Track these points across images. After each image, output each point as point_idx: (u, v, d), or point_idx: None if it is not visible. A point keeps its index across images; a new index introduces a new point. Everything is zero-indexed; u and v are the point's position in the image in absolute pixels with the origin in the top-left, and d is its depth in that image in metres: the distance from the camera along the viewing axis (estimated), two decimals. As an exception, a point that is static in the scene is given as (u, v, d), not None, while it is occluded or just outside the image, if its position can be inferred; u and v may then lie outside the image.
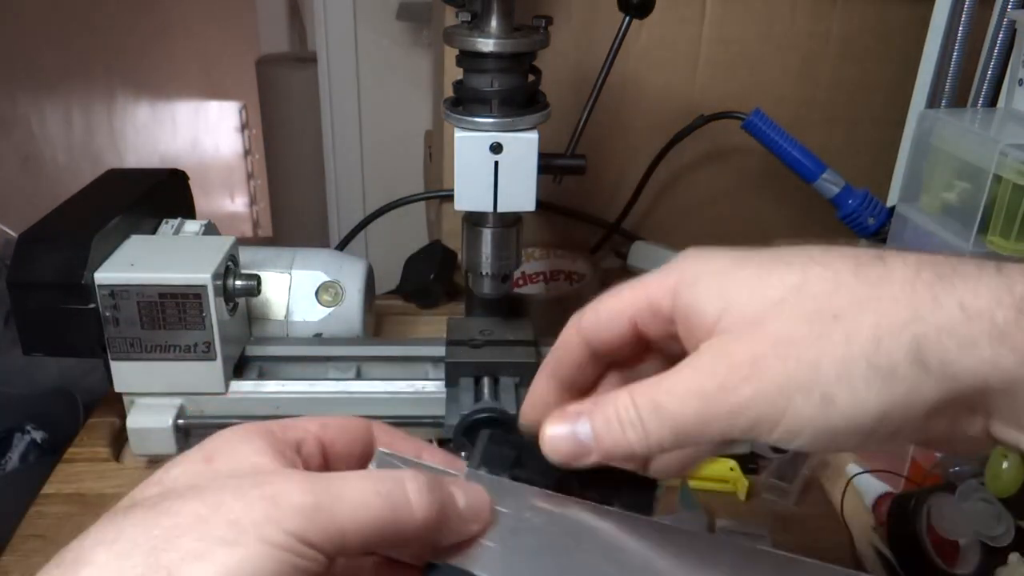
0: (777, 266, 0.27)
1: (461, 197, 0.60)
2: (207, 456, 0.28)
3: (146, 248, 0.59)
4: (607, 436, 0.28)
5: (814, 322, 0.25)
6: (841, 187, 0.77)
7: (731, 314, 0.27)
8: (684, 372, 0.27)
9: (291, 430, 0.30)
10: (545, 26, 0.59)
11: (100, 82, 2.38)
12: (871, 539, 0.55)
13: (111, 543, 0.24)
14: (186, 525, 0.24)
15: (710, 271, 0.29)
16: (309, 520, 0.25)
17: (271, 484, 0.25)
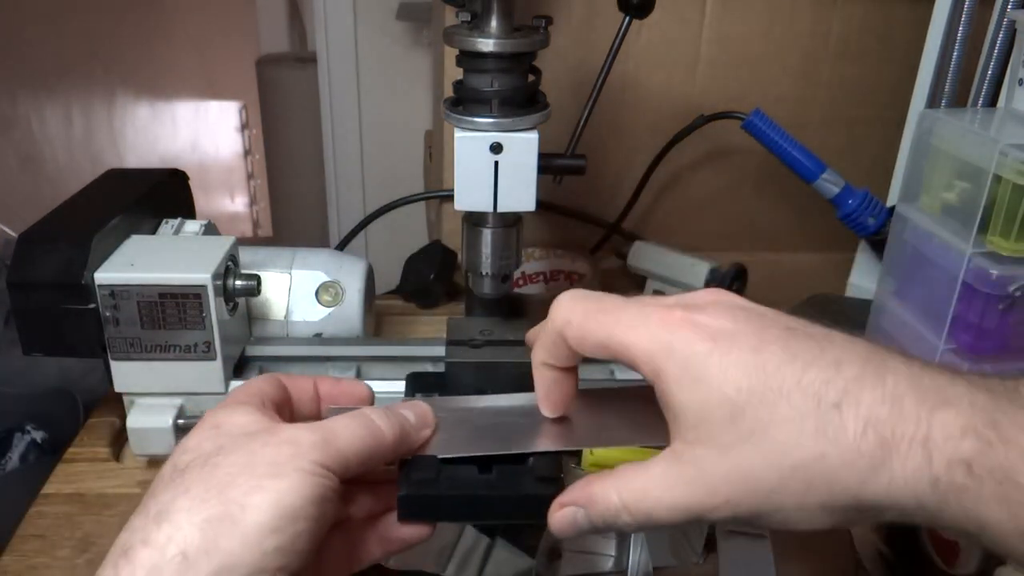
0: (752, 402, 0.31)
1: (461, 197, 0.60)
2: (216, 425, 0.36)
3: (146, 248, 0.59)
4: (599, 526, 0.36)
5: (778, 469, 0.31)
6: (841, 187, 0.77)
7: (707, 428, 0.32)
8: (673, 484, 0.33)
9: (264, 394, 0.39)
10: (545, 26, 0.59)
11: (100, 82, 2.38)
12: (871, 539, 0.55)
13: (185, 493, 0.33)
14: (236, 471, 0.33)
15: (697, 379, 0.32)
16: (322, 451, 0.34)
17: (285, 432, 0.35)
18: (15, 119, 1.87)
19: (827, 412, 0.30)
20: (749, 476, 0.31)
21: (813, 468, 0.30)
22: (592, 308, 0.36)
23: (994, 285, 0.57)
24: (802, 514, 0.31)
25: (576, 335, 0.36)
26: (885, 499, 0.30)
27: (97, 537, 0.55)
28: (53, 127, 2.05)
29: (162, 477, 0.35)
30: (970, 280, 0.58)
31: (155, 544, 0.32)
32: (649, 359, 0.33)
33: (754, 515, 0.32)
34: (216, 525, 0.32)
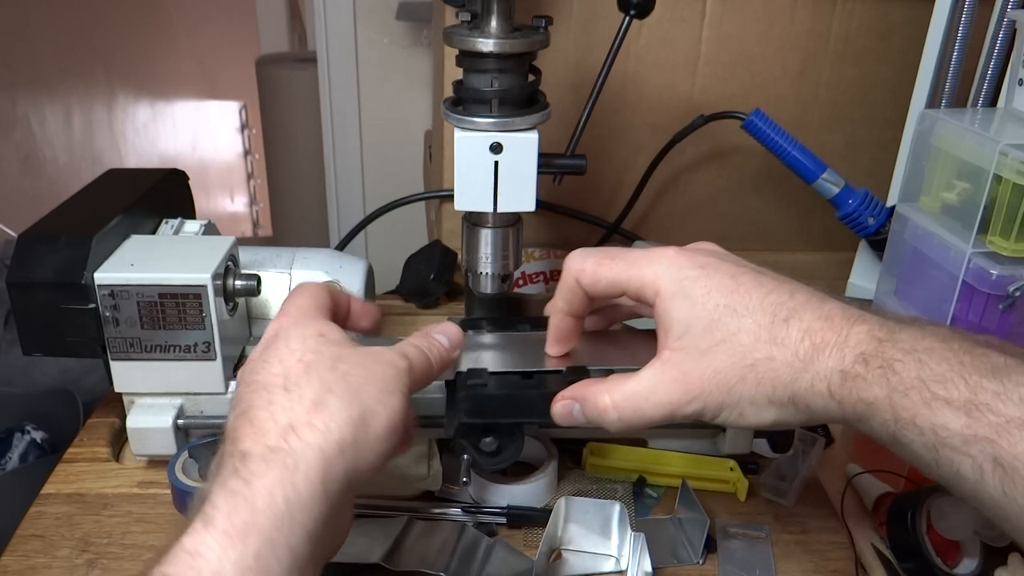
0: (726, 314, 0.41)
1: (461, 197, 0.60)
2: (321, 333, 0.41)
3: (146, 248, 0.59)
4: (592, 420, 0.45)
5: (740, 366, 0.41)
6: (841, 187, 0.77)
7: (690, 338, 0.42)
8: (659, 386, 0.42)
9: (327, 307, 0.44)
10: (545, 26, 0.59)
11: (100, 82, 2.38)
12: (871, 539, 0.55)
13: (328, 391, 0.38)
14: (363, 381, 0.39)
15: (686, 297, 0.42)
16: (409, 377, 0.42)
17: (385, 354, 0.42)
18: (15, 119, 1.87)
19: (778, 325, 0.40)
20: (718, 372, 0.41)
21: (763, 366, 0.40)
22: (601, 256, 0.46)
23: (994, 285, 0.57)
24: (753, 408, 0.41)
25: (590, 280, 0.46)
26: (809, 391, 0.39)
27: (97, 537, 0.55)
28: (53, 127, 2.05)
29: (278, 371, 0.39)
30: (970, 280, 0.58)
31: (317, 428, 0.36)
32: (653, 282, 0.43)
33: (718, 408, 0.41)
34: (358, 425, 0.37)
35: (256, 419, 0.37)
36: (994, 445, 0.33)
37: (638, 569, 0.50)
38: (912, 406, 0.36)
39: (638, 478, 0.60)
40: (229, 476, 0.35)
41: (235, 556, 0.32)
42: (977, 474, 0.34)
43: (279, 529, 0.33)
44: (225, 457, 0.36)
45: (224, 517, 0.33)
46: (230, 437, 0.37)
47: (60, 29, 2.06)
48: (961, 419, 0.34)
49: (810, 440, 0.61)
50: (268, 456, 0.35)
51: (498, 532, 0.55)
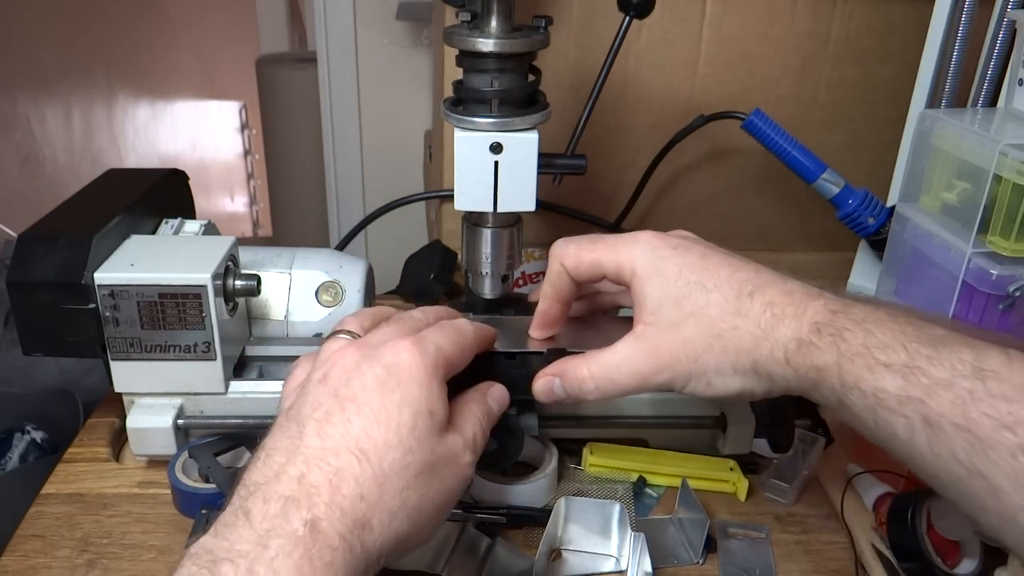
0: (695, 290, 0.44)
1: (461, 197, 0.60)
2: (430, 412, 0.41)
3: (146, 248, 0.58)
4: (572, 394, 0.48)
5: (707, 336, 0.44)
6: (841, 187, 0.77)
7: (662, 312, 0.45)
8: (632, 356, 0.45)
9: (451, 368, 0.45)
10: (545, 26, 0.59)
11: (100, 82, 2.38)
12: (871, 539, 0.55)
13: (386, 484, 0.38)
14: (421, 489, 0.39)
15: (659, 275, 0.46)
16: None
17: (462, 462, 0.42)
18: (15, 119, 1.87)
19: (743, 298, 0.43)
20: (687, 343, 0.44)
21: (728, 336, 0.43)
22: (583, 241, 0.49)
23: (994, 285, 0.57)
24: (720, 377, 0.44)
25: (573, 263, 0.49)
26: (769, 359, 0.42)
27: (97, 537, 0.55)
28: (53, 127, 2.05)
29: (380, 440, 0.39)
30: (970, 280, 0.58)
31: (376, 536, 0.37)
32: (630, 262, 0.46)
33: (687, 377, 0.44)
34: (402, 543, 0.39)
35: (340, 489, 0.37)
36: (924, 405, 0.36)
37: (638, 569, 0.50)
38: (857, 371, 0.38)
39: (638, 478, 0.60)
40: (298, 547, 0.34)
41: None
42: (909, 433, 0.37)
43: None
44: (291, 503, 0.36)
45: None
46: (304, 478, 0.37)
47: (60, 29, 2.06)
48: (898, 382, 0.37)
49: (810, 440, 0.61)
50: (337, 545, 0.35)
51: (498, 532, 0.55)
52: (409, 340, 0.42)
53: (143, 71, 2.68)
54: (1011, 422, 0.33)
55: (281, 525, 0.35)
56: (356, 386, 0.40)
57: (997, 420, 0.34)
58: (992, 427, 0.34)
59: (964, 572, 0.52)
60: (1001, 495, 0.33)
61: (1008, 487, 0.33)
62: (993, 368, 0.35)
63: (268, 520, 0.35)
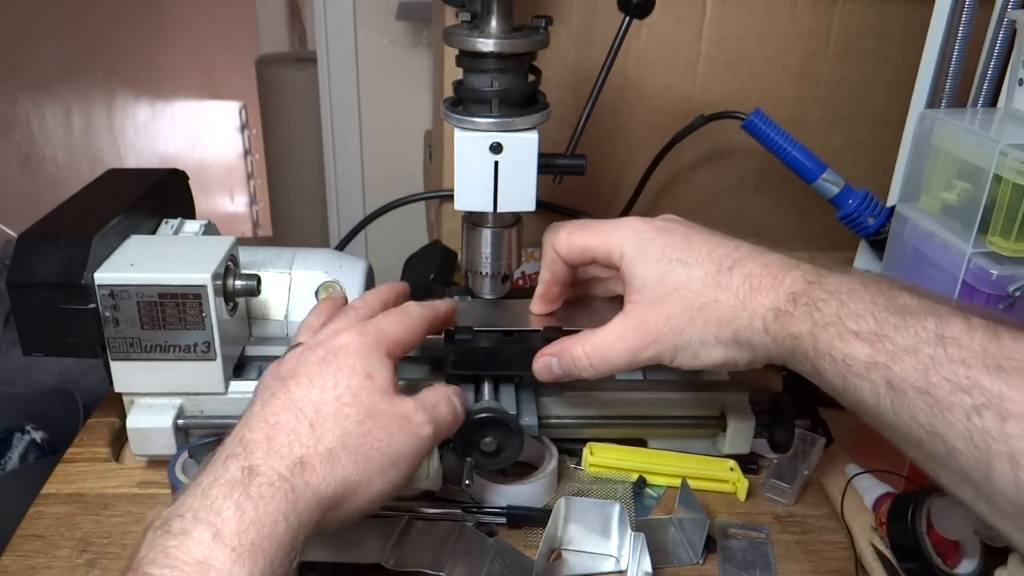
0: (678, 267, 0.47)
1: (461, 197, 0.60)
2: (370, 375, 0.45)
3: (146, 248, 0.58)
4: (569, 372, 0.51)
5: (689, 310, 0.46)
6: (841, 187, 0.77)
7: (647, 291, 0.48)
8: (622, 334, 0.48)
9: (405, 346, 0.49)
10: (545, 26, 0.59)
11: (100, 82, 2.38)
12: (871, 539, 0.55)
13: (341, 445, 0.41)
14: (374, 454, 0.42)
15: (645, 257, 0.49)
16: (433, 442, 0.46)
17: (415, 420, 0.45)
18: (15, 119, 1.87)
19: (723, 272, 0.46)
20: (671, 317, 0.47)
21: (710, 308, 0.46)
22: (573, 226, 0.53)
23: (994, 285, 0.57)
24: (703, 348, 0.46)
25: (564, 247, 0.52)
26: (748, 328, 0.44)
27: (97, 537, 0.55)
28: (53, 127, 2.05)
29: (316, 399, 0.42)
30: (970, 280, 0.58)
31: (319, 476, 0.39)
32: (618, 246, 0.50)
33: (673, 350, 0.47)
34: (351, 489, 0.41)
35: (275, 439, 0.40)
36: (889, 371, 0.37)
37: (638, 569, 0.50)
38: (829, 339, 0.40)
39: (638, 478, 0.60)
40: (235, 488, 0.37)
41: (245, 573, 0.35)
42: (875, 397, 0.38)
43: (277, 553, 0.36)
44: (231, 457, 0.39)
45: (234, 534, 0.35)
46: (244, 437, 0.40)
47: (60, 29, 2.06)
48: (866, 349, 0.39)
49: (810, 440, 0.61)
50: (276, 483, 0.38)
51: (498, 532, 0.55)
52: (352, 329, 0.46)
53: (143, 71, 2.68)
54: (967, 386, 0.35)
55: (222, 475, 0.38)
56: (299, 368, 0.44)
57: (955, 384, 0.35)
58: (950, 390, 0.35)
59: (964, 572, 0.52)
60: (957, 455, 0.35)
61: (962, 447, 0.34)
62: (954, 335, 0.36)
63: (210, 475, 0.38)
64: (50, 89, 2.04)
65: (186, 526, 0.36)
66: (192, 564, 0.34)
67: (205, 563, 0.34)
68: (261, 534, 0.36)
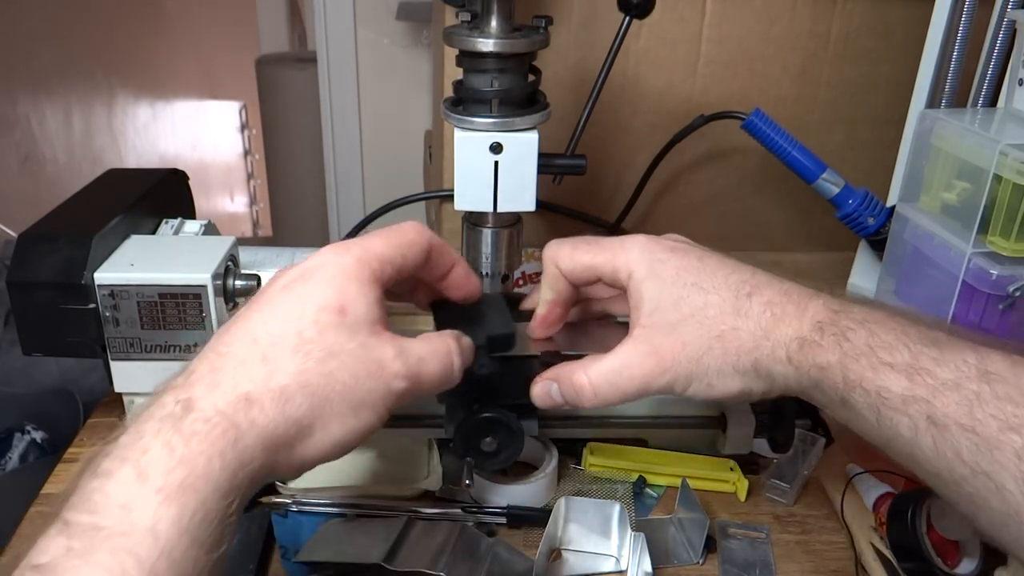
0: (693, 292, 0.44)
1: (461, 197, 0.60)
2: (341, 310, 0.39)
3: (146, 248, 0.59)
4: (570, 401, 0.47)
5: (707, 338, 0.43)
6: (841, 187, 0.77)
7: (660, 315, 0.45)
8: (633, 361, 0.45)
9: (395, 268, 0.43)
10: (545, 26, 0.59)
11: (100, 82, 2.38)
12: (871, 539, 0.55)
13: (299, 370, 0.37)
14: (340, 390, 0.38)
15: (657, 278, 0.45)
16: (406, 397, 0.40)
17: (387, 370, 0.39)
18: (15, 119, 1.87)
19: (742, 299, 0.43)
20: (687, 344, 0.44)
21: (729, 336, 0.43)
22: (577, 242, 0.49)
23: (994, 285, 0.57)
24: (720, 378, 0.44)
25: (568, 265, 0.48)
26: (770, 358, 0.42)
27: (97, 537, 0.55)
28: (53, 127, 2.05)
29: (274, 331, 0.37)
30: (970, 280, 0.58)
31: (268, 415, 0.35)
32: (626, 265, 0.46)
33: (688, 380, 0.44)
34: (302, 432, 0.37)
35: (222, 370, 0.36)
36: (929, 405, 0.36)
37: (638, 569, 0.50)
38: (861, 370, 0.39)
39: (638, 478, 0.60)
40: (165, 423, 0.33)
41: (171, 517, 0.31)
42: (913, 432, 0.37)
43: (211, 494, 0.32)
44: (171, 390, 0.35)
45: (160, 474, 0.32)
46: (189, 368, 0.36)
47: (60, 29, 2.06)
48: (902, 382, 0.37)
49: (810, 440, 0.61)
50: (213, 418, 0.34)
51: (498, 532, 0.55)
52: (332, 246, 0.41)
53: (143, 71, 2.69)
54: (1016, 424, 0.34)
55: (156, 412, 0.34)
56: (267, 291, 0.40)
57: (1003, 422, 0.34)
58: (998, 428, 0.34)
59: (964, 572, 0.52)
60: (1006, 495, 0.34)
61: (1013, 487, 0.34)
62: (998, 371, 0.36)
63: (146, 412, 0.34)
64: (50, 89, 2.04)
65: (111, 466, 0.32)
66: (113, 508, 0.31)
67: (127, 506, 0.31)
68: (193, 473, 0.32)
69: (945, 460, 0.36)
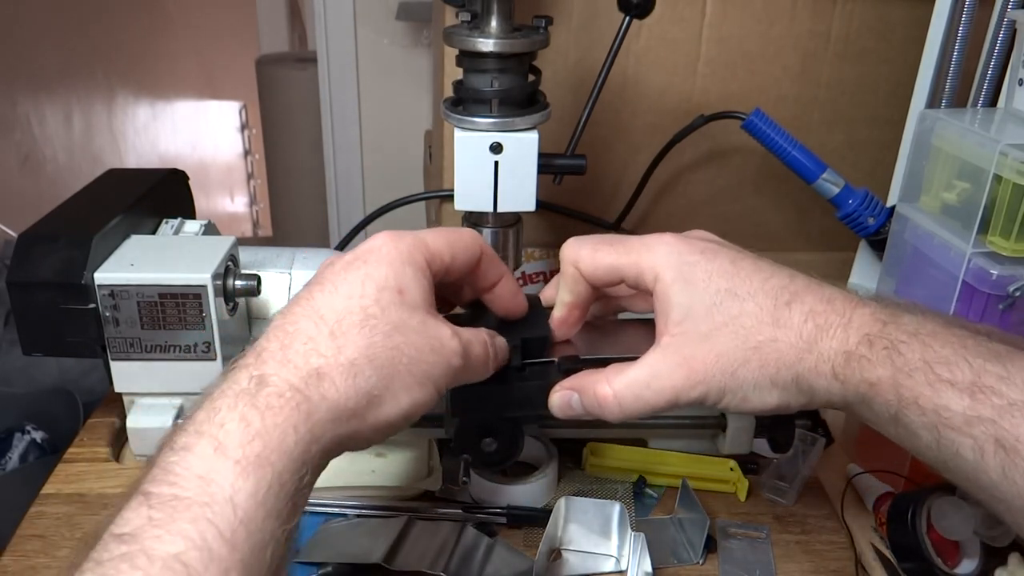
0: (727, 298, 0.41)
1: (461, 197, 0.60)
2: (400, 290, 0.40)
3: (146, 248, 0.58)
4: (592, 412, 0.44)
5: (743, 349, 0.41)
6: (841, 187, 0.77)
7: (691, 322, 0.42)
8: (663, 372, 0.42)
9: (443, 263, 0.43)
10: (545, 26, 0.59)
11: (100, 82, 2.38)
12: (871, 539, 0.55)
13: (366, 354, 0.37)
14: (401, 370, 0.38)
15: (688, 282, 0.42)
16: (460, 375, 0.41)
17: (447, 345, 0.40)
18: (15, 119, 1.87)
19: (781, 308, 0.41)
20: (722, 355, 0.41)
21: (767, 348, 0.40)
22: (597, 242, 0.45)
23: (994, 285, 0.57)
24: (757, 392, 0.41)
25: (588, 266, 0.45)
26: (813, 372, 0.40)
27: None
28: (53, 127, 2.05)
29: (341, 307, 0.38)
30: (970, 280, 0.58)
31: (338, 388, 0.36)
32: (652, 268, 0.43)
33: (721, 393, 0.41)
34: (373, 403, 0.37)
35: (291, 347, 0.37)
36: (996, 426, 0.34)
37: (638, 569, 0.50)
38: (916, 387, 0.36)
39: (638, 478, 0.60)
40: (241, 398, 0.34)
41: (249, 488, 0.32)
42: (977, 455, 0.35)
43: (287, 466, 0.33)
44: (243, 368, 0.36)
45: (237, 446, 0.32)
46: (259, 347, 0.37)
47: (60, 29, 2.06)
48: (964, 401, 0.35)
49: (810, 440, 0.61)
50: (286, 393, 0.35)
51: (498, 532, 0.55)
52: (387, 232, 0.41)
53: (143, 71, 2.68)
54: None
55: (230, 387, 0.35)
56: (326, 272, 0.40)
57: None
58: None
59: (964, 572, 0.52)
60: None
61: None
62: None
63: (219, 389, 0.35)
64: (50, 89, 2.04)
65: (189, 441, 0.33)
66: (192, 479, 0.31)
67: (206, 478, 0.31)
68: (268, 446, 0.33)
69: (1015, 486, 0.34)
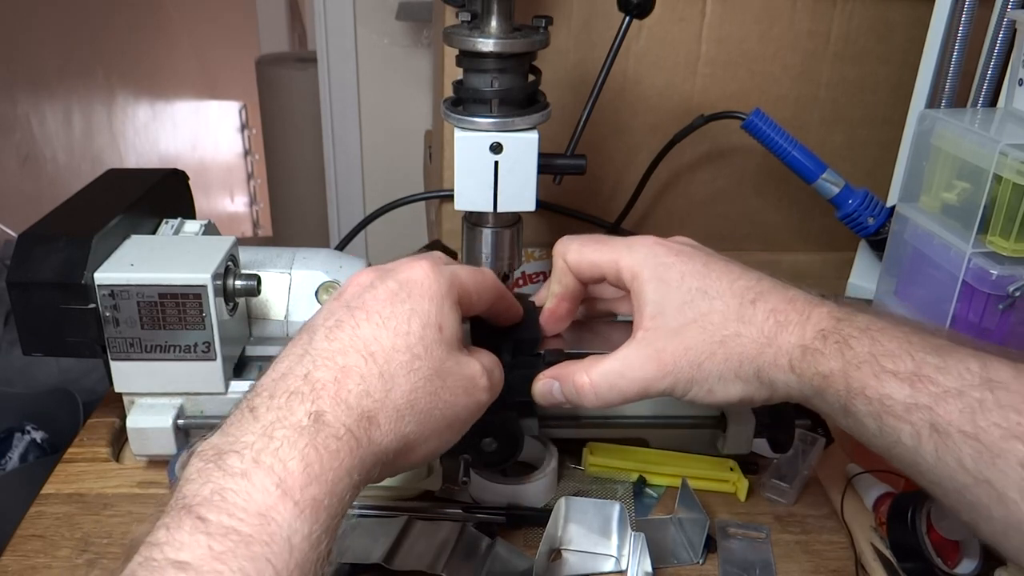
0: (698, 296, 0.45)
1: (461, 197, 0.60)
2: (439, 326, 0.41)
3: (146, 248, 0.58)
4: (571, 400, 0.48)
5: (710, 343, 0.44)
6: (841, 187, 0.77)
7: (663, 318, 0.45)
8: (635, 363, 0.45)
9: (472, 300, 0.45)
10: (545, 26, 0.59)
11: (100, 82, 2.38)
12: (871, 539, 0.55)
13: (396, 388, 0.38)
14: (431, 409, 0.40)
15: (662, 281, 0.46)
16: (484, 408, 0.44)
17: (478, 384, 0.43)
18: (15, 119, 1.87)
19: (746, 306, 0.44)
20: (689, 349, 0.44)
21: (732, 343, 0.43)
22: (586, 240, 0.50)
23: (994, 285, 0.57)
24: (721, 383, 0.44)
25: (575, 260, 0.49)
26: (772, 365, 0.42)
27: (97, 537, 0.55)
28: (53, 127, 2.05)
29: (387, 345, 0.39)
30: (970, 280, 0.58)
31: (385, 433, 0.37)
32: (630, 267, 0.46)
33: (688, 384, 0.44)
34: (410, 447, 0.39)
35: (344, 384, 0.37)
36: (932, 412, 0.36)
37: (638, 569, 0.50)
38: (863, 378, 0.39)
39: (638, 478, 0.60)
40: (303, 436, 0.34)
41: (305, 530, 0.32)
42: (915, 440, 0.37)
43: (337, 510, 0.34)
44: (295, 395, 0.36)
45: (298, 487, 0.33)
46: (311, 375, 0.37)
47: (60, 29, 2.06)
48: (905, 390, 0.37)
49: (810, 440, 0.61)
50: (342, 436, 0.35)
51: (498, 532, 0.55)
52: (426, 261, 0.43)
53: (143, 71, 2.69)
54: (1020, 432, 0.34)
55: (286, 416, 0.35)
56: (368, 297, 0.41)
57: (1007, 430, 0.34)
58: (1001, 437, 0.34)
59: (964, 572, 0.52)
60: (1008, 503, 0.34)
61: (1015, 495, 0.33)
62: (1002, 379, 0.35)
63: (273, 412, 0.35)
64: (50, 89, 2.04)
65: (246, 468, 0.33)
66: (253, 515, 0.31)
67: (267, 516, 0.32)
68: (323, 490, 0.33)
69: (947, 468, 0.36)
